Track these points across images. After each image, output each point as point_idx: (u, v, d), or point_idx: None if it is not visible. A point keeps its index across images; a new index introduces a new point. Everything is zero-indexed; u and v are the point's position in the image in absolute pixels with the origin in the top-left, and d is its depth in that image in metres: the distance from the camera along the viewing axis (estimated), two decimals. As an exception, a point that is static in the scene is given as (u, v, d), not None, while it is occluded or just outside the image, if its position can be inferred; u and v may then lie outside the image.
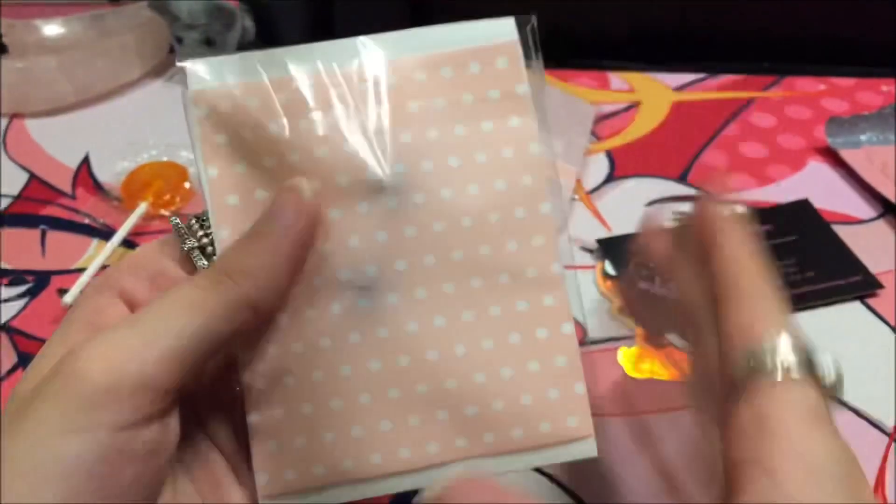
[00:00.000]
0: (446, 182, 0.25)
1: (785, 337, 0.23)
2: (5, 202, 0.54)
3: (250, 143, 0.25)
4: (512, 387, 0.25)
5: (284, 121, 0.25)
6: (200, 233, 0.26)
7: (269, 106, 0.25)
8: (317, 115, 0.25)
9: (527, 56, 0.26)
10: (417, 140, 0.25)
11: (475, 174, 0.26)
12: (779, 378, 0.22)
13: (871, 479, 0.37)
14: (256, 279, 0.23)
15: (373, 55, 0.26)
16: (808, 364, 0.22)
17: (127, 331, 0.21)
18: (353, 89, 0.26)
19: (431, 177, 0.25)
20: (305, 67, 0.25)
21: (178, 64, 0.25)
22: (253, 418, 0.25)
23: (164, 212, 0.51)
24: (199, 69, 0.25)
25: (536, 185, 0.26)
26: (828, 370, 0.23)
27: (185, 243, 0.26)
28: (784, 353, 0.22)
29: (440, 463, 0.25)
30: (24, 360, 0.44)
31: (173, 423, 0.23)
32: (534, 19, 0.26)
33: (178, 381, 0.22)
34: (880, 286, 0.46)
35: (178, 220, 0.26)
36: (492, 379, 0.25)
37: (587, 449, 0.26)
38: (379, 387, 0.25)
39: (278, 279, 0.23)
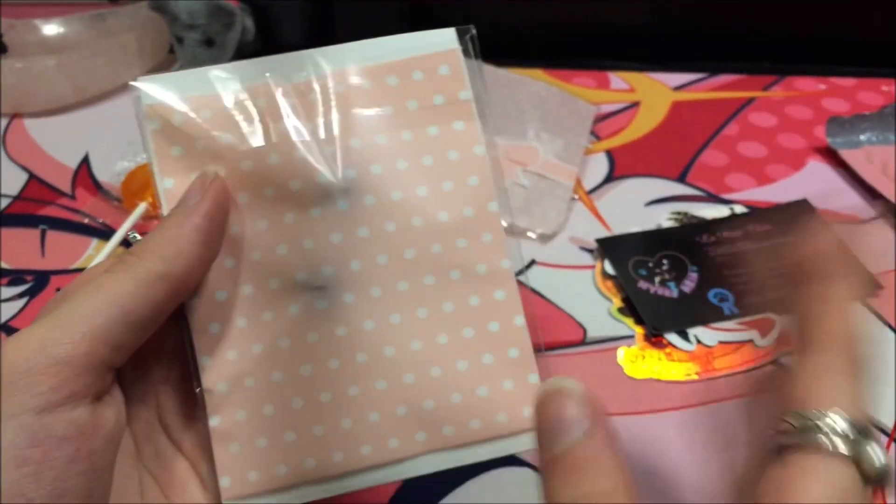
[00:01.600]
0: (395, 184, 0.26)
1: (842, 415, 0.21)
2: (5, 202, 0.54)
3: (203, 154, 0.26)
4: (467, 379, 0.26)
5: (236, 131, 0.26)
6: None
7: (221, 117, 0.26)
8: (268, 125, 0.26)
9: (468, 63, 0.28)
10: (366, 145, 0.26)
11: (423, 176, 0.27)
12: (822, 449, 0.21)
13: (871, 480, 0.37)
14: (162, 252, 0.24)
15: (321, 67, 0.27)
16: (857, 446, 0.21)
17: (45, 320, 0.23)
18: (303, 100, 0.27)
19: (381, 179, 0.26)
20: (257, 80, 0.27)
21: (131, 83, 0.26)
22: (214, 422, 0.26)
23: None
24: (151, 84, 0.26)
25: (483, 184, 0.27)
26: (877, 458, 0.21)
27: None
28: (836, 428, 0.21)
29: (401, 458, 0.26)
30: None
31: (109, 406, 0.24)
32: (473, 29, 0.28)
33: (99, 359, 0.22)
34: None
35: (136, 235, 0.26)
36: (448, 372, 0.26)
37: None
38: (339, 385, 0.26)
39: (187, 248, 0.24)
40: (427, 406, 0.26)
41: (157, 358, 0.27)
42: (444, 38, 0.28)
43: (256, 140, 0.26)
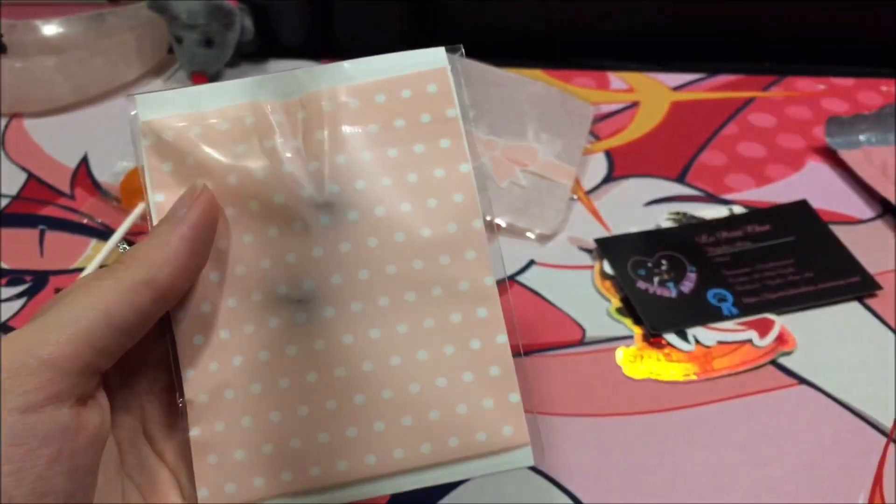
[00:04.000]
0: (379, 200, 0.27)
1: None
2: (4, 202, 0.54)
3: (193, 169, 0.27)
4: (447, 396, 0.26)
5: (224, 147, 0.27)
6: None
7: (211, 134, 0.27)
8: (255, 141, 0.27)
9: (456, 82, 0.28)
10: (351, 162, 0.27)
11: (407, 193, 0.27)
12: None
13: (869, 480, 0.37)
14: (148, 259, 0.24)
15: (311, 85, 0.27)
16: None
17: (33, 323, 0.23)
18: (291, 117, 0.27)
19: (365, 195, 0.26)
20: (247, 98, 0.27)
21: (127, 99, 0.27)
22: (194, 432, 0.26)
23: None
24: (147, 100, 0.27)
25: (468, 202, 0.27)
26: None
27: None
28: None
29: (378, 475, 0.26)
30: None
31: (94, 410, 0.24)
32: (461, 48, 0.28)
33: (83, 362, 0.23)
34: (879, 287, 0.46)
35: (126, 246, 0.27)
36: (427, 389, 0.26)
37: (523, 458, 0.26)
38: (317, 398, 0.26)
39: (173, 257, 0.25)
40: (405, 423, 0.26)
41: (142, 369, 0.27)
42: (434, 57, 0.28)
43: (244, 156, 0.26)
